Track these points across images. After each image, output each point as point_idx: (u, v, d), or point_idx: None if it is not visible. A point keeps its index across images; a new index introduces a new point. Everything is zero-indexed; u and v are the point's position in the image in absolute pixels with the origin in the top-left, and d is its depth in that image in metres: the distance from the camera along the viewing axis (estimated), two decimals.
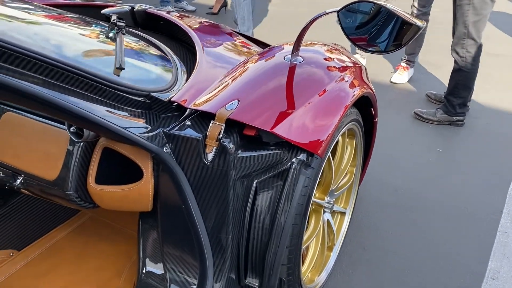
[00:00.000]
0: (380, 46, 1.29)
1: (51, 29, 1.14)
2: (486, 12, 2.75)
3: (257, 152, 1.21)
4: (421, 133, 3.02)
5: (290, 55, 1.41)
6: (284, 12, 5.65)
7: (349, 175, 1.85)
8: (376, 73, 3.91)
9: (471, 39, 2.81)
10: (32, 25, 1.09)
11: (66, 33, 1.19)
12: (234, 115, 1.16)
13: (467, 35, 2.81)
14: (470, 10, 2.75)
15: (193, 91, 1.26)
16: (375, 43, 1.23)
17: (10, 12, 1.12)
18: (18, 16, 1.10)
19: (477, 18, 2.76)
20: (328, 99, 1.38)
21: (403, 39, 1.18)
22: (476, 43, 2.82)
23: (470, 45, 2.83)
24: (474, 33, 2.79)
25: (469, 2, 2.73)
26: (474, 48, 2.83)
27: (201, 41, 1.59)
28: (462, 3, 2.78)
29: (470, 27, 2.78)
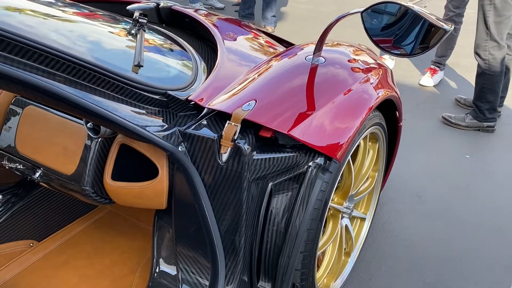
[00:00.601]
0: (405, 48, 1.24)
1: (72, 26, 1.15)
2: (509, 13, 2.64)
3: (273, 154, 1.18)
4: (449, 138, 2.93)
5: (312, 56, 1.38)
6: (311, 10, 5.58)
7: (370, 180, 1.80)
8: (405, 75, 3.82)
9: (494, 41, 2.71)
10: (52, 21, 1.09)
11: (87, 30, 1.19)
12: (250, 116, 1.13)
13: (489, 36, 2.71)
14: (491, 11, 2.65)
15: (211, 90, 1.24)
16: (401, 46, 1.19)
17: (33, 7, 1.13)
18: (39, 12, 1.11)
19: (499, 19, 2.66)
20: (350, 102, 1.34)
21: (430, 42, 1.13)
22: (499, 45, 2.71)
23: (493, 47, 2.73)
24: (496, 34, 2.69)
25: (490, 3, 2.64)
26: (497, 50, 2.72)
27: (223, 39, 1.58)
28: (483, 3, 2.69)
29: (492, 29, 2.68)
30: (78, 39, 1.06)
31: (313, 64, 1.37)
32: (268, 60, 1.41)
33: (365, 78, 1.45)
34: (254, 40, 1.83)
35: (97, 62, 1.02)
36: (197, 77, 1.31)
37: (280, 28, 4.97)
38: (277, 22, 5.12)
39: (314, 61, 1.38)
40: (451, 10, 3.42)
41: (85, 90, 0.99)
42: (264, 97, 1.20)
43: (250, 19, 4.97)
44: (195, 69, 1.35)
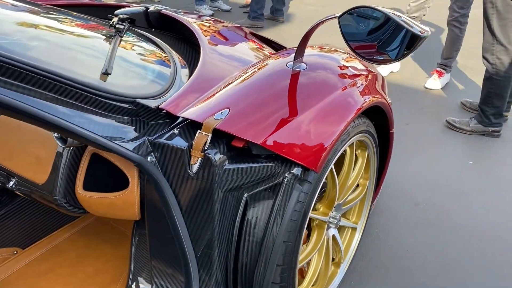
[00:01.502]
0: (390, 54, 1.19)
1: (37, 33, 1.13)
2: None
3: (246, 164, 1.14)
4: (452, 143, 2.85)
5: (292, 62, 1.34)
6: (319, 11, 5.52)
7: (360, 188, 1.75)
8: (411, 78, 3.75)
9: (500, 44, 2.62)
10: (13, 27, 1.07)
11: (55, 37, 1.17)
12: (222, 125, 1.10)
13: (495, 40, 2.63)
14: (494, 14, 2.57)
15: (187, 98, 1.21)
16: (385, 51, 1.13)
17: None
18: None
19: (503, 23, 2.57)
20: (330, 109, 1.30)
21: (410, 48, 1.08)
22: (506, 49, 2.63)
23: (500, 51, 2.64)
24: (503, 38, 2.60)
25: (492, 6, 2.56)
26: (505, 54, 2.64)
27: (208, 44, 1.54)
28: (486, 6, 2.61)
29: (497, 33, 2.60)
30: (40, 47, 1.04)
31: (293, 71, 1.33)
32: (248, 67, 1.38)
33: (349, 84, 1.41)
34: (243, 45, 1.79)
35: (57, 71, 0.99)
36: (173, 84, 1.28)
37: (286, 30, 4.93)
38: (284, 24, 5.10)
39: (295, 68, 1.34)
40: (455, 11, 3.34)
41: (43, 100, 0.96)
42: (238, 106, 1.17)
43: (260, 20, 4.95)
44: (173, 76, 1.32)
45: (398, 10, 5.13)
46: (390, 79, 3.69)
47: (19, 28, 1.14)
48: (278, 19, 5.15)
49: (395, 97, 3.42)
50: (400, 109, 3.24)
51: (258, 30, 4.89)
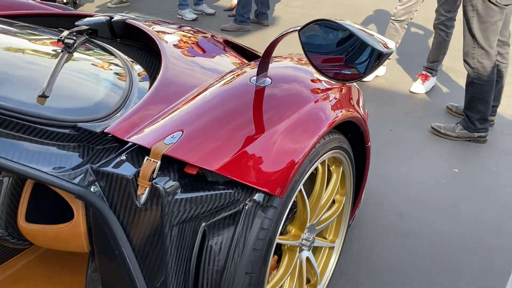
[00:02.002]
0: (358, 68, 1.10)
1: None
2: (494, 19, 2.48)
3: (201, 193, 1.05)
4: (437, 150, 2.77)
5: (256, 77, 1.24)
6: (304, 14, 5.44)
7: (337, 204, 1.66)
8: (396, 82, 3.67)
9: (481, 48, 2.55)
10: None
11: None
12: (172, 150, 1.00)
13: (476, 44, 2.55)
14: (474, 17, 2.49)
15: (138, 119, 1.11)
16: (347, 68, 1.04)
17: None
18: None
19: (484, 26, 2.49)
20: (296, 128, 1.20)
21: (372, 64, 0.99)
22: (487, 52, 2.55)
23: (481, 55, 2.56)
24: (483, 42, 2.53)
25: (472, 9, 2.48)
26: (486, 58, 2.56)
27: (171, 57, 1.44)
28: (466, 9, 2.53)
29: (478, 36, 2.52)
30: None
31: (257, 87, 1.24)
32: (208, 83, 1.28)
33: (318, 99, 1.32)
34: (212, 57, 1.70)
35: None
36: (125, 104, 1.18)
37: (271, 33, 4.84)
38: (269, 27, 5.01)
39: (259, 83, 1.25)
40: (442, 14, 3.27)
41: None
42: (192, 127, 1.07)
43: (247, 24, 4.86)
44: (126, 94, 1.22)
45: (386, 13, 5.06)
46: (375, 84, 3.61)
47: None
48: (263, 23, 5.07)
49: (380, 102, 3.34)
50: (385, 114, 3.17)
51: (245, 33, 4.80)
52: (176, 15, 5.25)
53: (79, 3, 5.69)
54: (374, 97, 3.41)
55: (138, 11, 5.43)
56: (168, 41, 1.64)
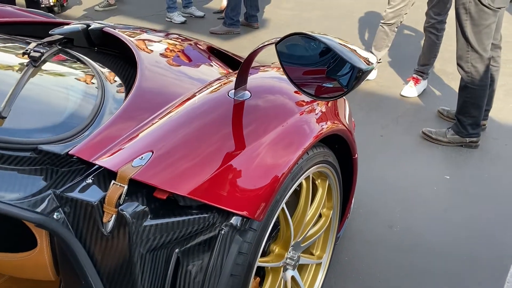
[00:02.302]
0: (341, 80, 1.03)
1: None
2: (487, 22, 2.42)
3: (173, 218, 0.98)
4: (428, 156, 2.71)
5: (234, 90, 1.18)
6: (295, 16, 5.38)
7: (324, 218, 1.60)
8: (387, 86, 3.62)
9: (475, 52, 2.49)
10: None
11: None
12: (140, 174, 0.93)
13: (470, 48, 2.50)
14: (468, 20, 2.44)
15: (107, 138, 1.04)
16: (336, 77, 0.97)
17: None
18: None
19: (477, 29, 2.44)
20: (276, 145, 1.14)
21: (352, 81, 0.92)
22: (481, 56, 2.50)
23: (475, 59, 2.51)
24: (477, 45, 2.47)
25: (465, 12, 2.42)
26: (480, 62, 2.51)
27: (147, 68, 1.37)
28: (459, 12, 2.48)
29: (471, 40, 2.47)
30: None
31: (235, 101, 1.17)
32: (184, 97, 1.21)
33: (300, 112, 1.25)
34: (193, 67, 1.63)
35: None
36: (94, 122, 1.11)
37: (261, 36, 4.77)
38: (259, 30, 4.95)
39: (238, 97, 1.18)
40: (432, 17, 3.22)
41: None
42: (163, 148, 1.00)
43: (236, 26, 4.79)
44: (95, 111, 1.15)
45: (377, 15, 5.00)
46: (365, 88, 3.56)
47: None
48: (253, 25, 5.00)
49: (370, 106, 3.29)
50: (375, 119, 3.11)
51: (234, 36, 4.73)
52: (164, 18, 5.17)
53: (67, 5, 5.59)
54: (365, 101, 3.36)
55: (126, 15, 5.35)
56: (146, 50, 1.57)
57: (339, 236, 1.83)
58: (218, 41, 4.60)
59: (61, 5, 5.44)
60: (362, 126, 3.00)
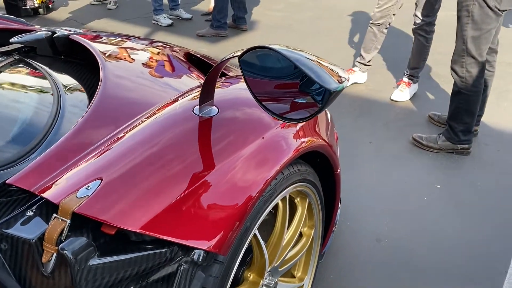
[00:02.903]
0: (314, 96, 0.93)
1: None
2: (489, 27, 2.33)
3: (124, 255, 0.87)
4: (418, 163, 2.62)
5: (198, 107, 1.07)
6: (286, 17, 5.28)
7: (305, 238, 1.49)
8: (376, 89, 3.52)
9: (471, 57, 2.40)
10: None
11: None
12: (84, 207, 0.83)
13: (466, 52, 2.40)
14: (469, 24, 2.33)
15: (52, 165, 0.93)
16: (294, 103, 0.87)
17: None
18: None
19: (477, 34, 2.34)
20: (245, 167, 1.03)
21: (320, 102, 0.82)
22: (477, 61, 2.40)
23: (470, 64, 2.41)
24: (474, 50, 2.38)
25: (468, 14, 2.32)
26: (475, 67, 2.41)
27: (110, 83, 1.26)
28: (461, 14, 2.37)
29: (469, 43, 2.37)
30: None
31: (201, 118, 1.07)
32: (145, 116, 1.10)
33: (275, 129, 1.15)
34: (166, 77, 1.52)
35: None
36: (42, 144, 1.00)
37: (250, 38, 4.67)
38: (248, 32, 4.84)
39: (203, 113, 1.08)
40: (420, 18, 3.12)
41: None
42: (113, 175, 0.90)
43: (223, 29, 4.68)
44: (45, 132, 1.04)
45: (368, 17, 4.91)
46: (355, 92, 3.46)
47: None
48: (241, 28, 4.90)
49: (359, 111, 3.19)
50: (364, 125, 3.01)
51: (222, 39, 4.63)
52: (151, 20, 5.06)
53: (52, 7, 5.47)
54: (353, 106, 3.26)
55: (111, 17, 5.24)
56: (113, 60, 1.47)
57: (324, 252, 1.73)
58: (206, 44, 4.50)
59: (47, 7, 5.32)
60: (350, 132, 2.91)
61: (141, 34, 4.73)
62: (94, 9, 5.52)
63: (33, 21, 4.98)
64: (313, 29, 4.92)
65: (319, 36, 4.71)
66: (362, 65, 3.53)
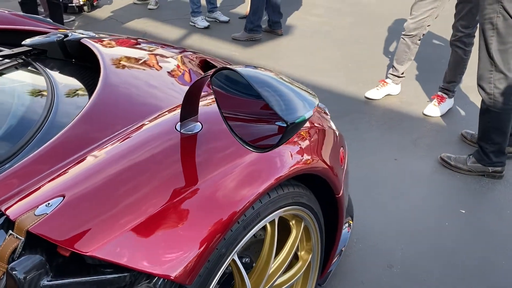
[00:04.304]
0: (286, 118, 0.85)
1: None
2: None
3: (79, 278, 0.84)
4: (444, 185, 2.47)
5: (180, 123, 1.03)
6: (324, 22, 5.17)
7: (300, 263, 1.42)
8: (409, 102, 3.37)
9: (500, 72, 2.23)
10: None
11: None
12: (39, 225, 0.80)
13: (494, 67, 2.24)
14: (494, 37, 2.18)
15: (22, 176, 0.92)
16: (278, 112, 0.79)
17: None
18: None
19: (504, 47, 2.18)
20: (222, 189, 0.97)
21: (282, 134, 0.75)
22: (506, 77, 2.24)
23: (499, 80, 2.25)
24: (503, 65, 2.22)
25: (492, 27, 2.17)
26: (504, 82, 2.25)
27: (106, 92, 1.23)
28: (484, 27, 2.22)
29: (496, 58, 2.21)
30: None
31: (183, 135, 1.02)
32: (129, 129, 1.07)
33: None
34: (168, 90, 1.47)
35: None
36: (19, 155, 0.99)
37: (283, 43, 4.61)
38: (282, 37, 4.77)
39: (185, 130, 1.03)
40: (459, 30, 2.95)
41: None
42: (78, 193, 0.87)
43: (257, 32, 4.64)
44: (25, 141, 1.02)
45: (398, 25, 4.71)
46: (386, 103, 3.33)
47: None
48: (276, 32, 4.84)
49: (388, 125, 3.06)
50: (391, 140, 2.88)
51: (255, 43, 4.58)
52: (189, 22, 5.09)
53: (97, 5, 5.61)
54: (384, 119, 3.13)
55: (152, 17, 5.30)
56: (119, 67, 1.45)
57: (328, 276, 1.65)
58: (239, 48, 4.47)
59: (91, 4, 5.46)
60: (376, 146, 2.79)
61: (177, 35, 4.77)
62: (135, 8, 5.62)
63: (77, 18, 5.13)
64: (350, 35, 4.79)
65: (355, 43, 4.58)
66: (395, 77, 3.39)
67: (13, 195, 0.87)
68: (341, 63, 4.08)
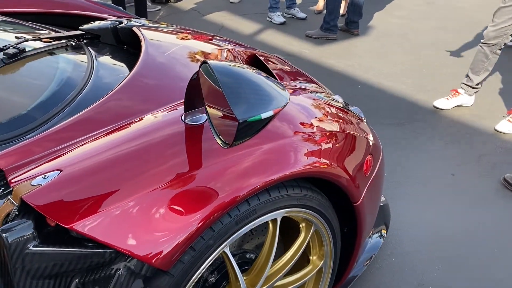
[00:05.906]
0: None
1: None
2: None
3: (63, 248, 0.89)
4: (501, 208, 2.26)
5: (184, 113, 1.05)
6: (403, 25, 4.94)
7: (310, 267, 1.38)
8: (481, 116, 3.12)
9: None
10: None
11: None
12: (31, 195, 0.86)
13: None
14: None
15: (32, 149, 1.00)
16: None
17: None
18: None
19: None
20: (213, 182, 0.98)
21: None
22: None
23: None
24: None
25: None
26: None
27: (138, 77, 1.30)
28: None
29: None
30: None
31: (187, 125, 1.05)
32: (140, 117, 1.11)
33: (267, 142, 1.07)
34: None
35: None
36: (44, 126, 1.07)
37: (357, 44, 4.48)
38: (358, 37, 4.64)
39: (190, 120, 1.05)
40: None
41: None
42: (74, 169, 0.92)
43: (333, 32, 4.57)
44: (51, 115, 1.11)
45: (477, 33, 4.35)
46: (456, 115, 3.12)
47: None
48: (352, 32, 4.72)
49: (453, 137, 2.86)
50: (453, 153, 2.69)
51: (329, 42, 4.50)
52: (266, 17, 5.13)
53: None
54: (449, 131, 2.94)
55: (232, 10, 5.42)
56: (158, 56, 1.51)
57: (356, 276, 1.60)
58: (311, 45, 4.42)
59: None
60: (435, 159, 2.63)
61: (252, 30, 4.82)
62: (218, 2, 5.77)
63: (163, 8, 5.40)
64: (429, 40, 4.53)
65: (431, 48, 4.33)
66: (468, 87, 3.15)
67: (23, 164, 0.95)
68: (413, 68, 3.89)
